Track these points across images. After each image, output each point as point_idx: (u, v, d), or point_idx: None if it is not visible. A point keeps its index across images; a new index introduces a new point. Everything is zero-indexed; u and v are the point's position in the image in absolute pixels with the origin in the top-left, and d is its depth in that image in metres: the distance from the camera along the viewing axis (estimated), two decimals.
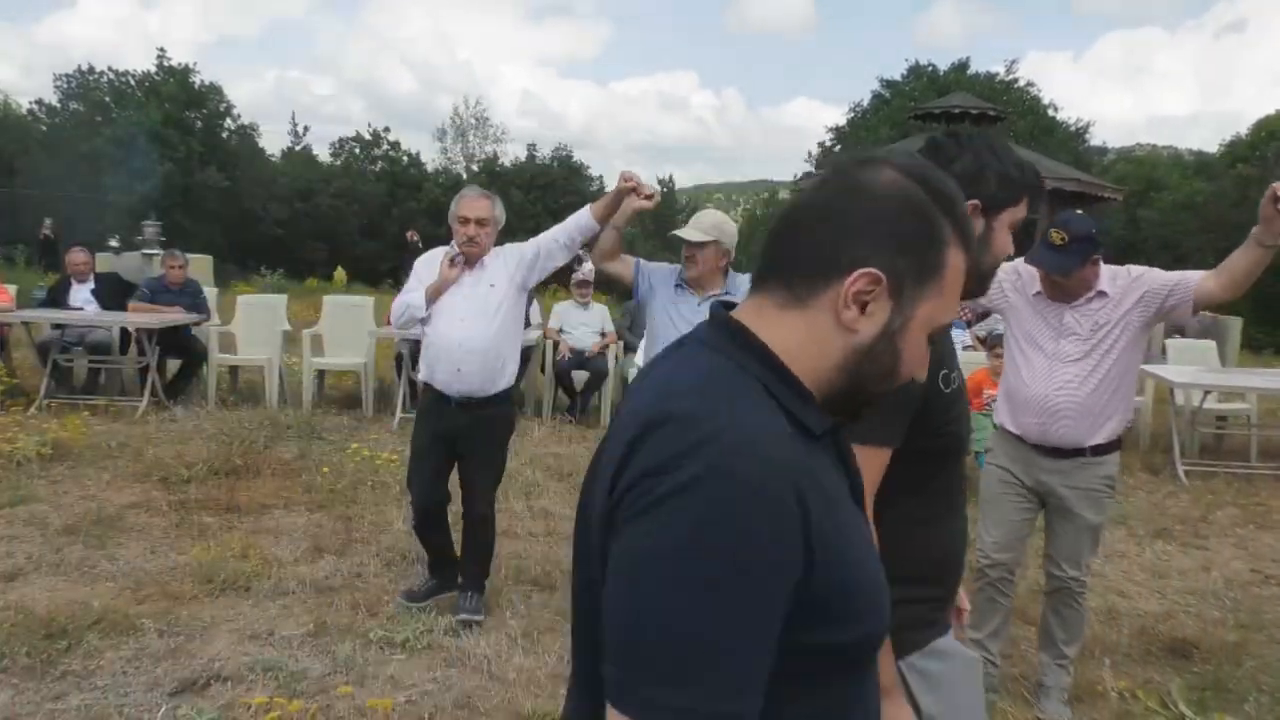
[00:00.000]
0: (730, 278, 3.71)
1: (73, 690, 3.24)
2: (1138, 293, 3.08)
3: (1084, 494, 3.19)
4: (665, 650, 0.86)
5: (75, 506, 5.16)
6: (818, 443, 1.00)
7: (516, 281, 3.85)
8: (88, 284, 8.31)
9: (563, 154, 36.10)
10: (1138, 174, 33.33)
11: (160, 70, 32.33)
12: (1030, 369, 3.17)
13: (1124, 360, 3.11)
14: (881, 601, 1.01)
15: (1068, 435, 3.14)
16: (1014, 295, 3.25)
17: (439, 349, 3.81)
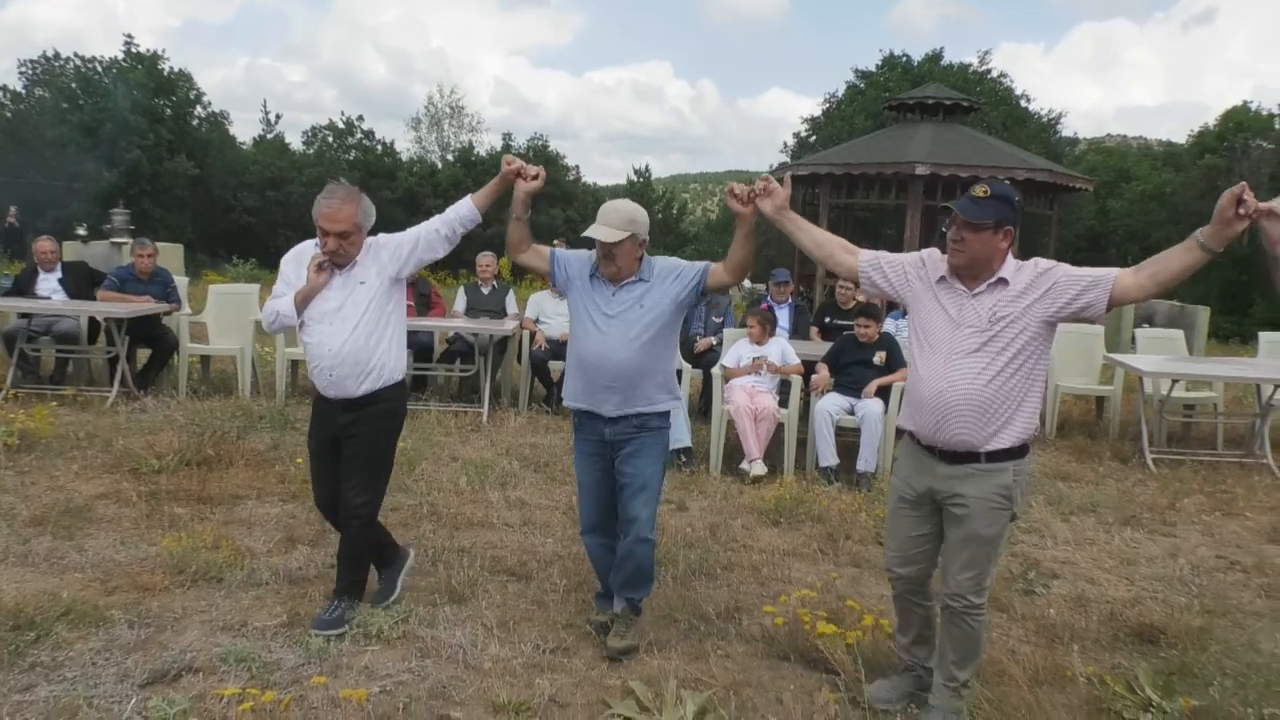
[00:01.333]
0: (645, 263, 3.61)
1: (41, 681, 3.21)
2: (1043, 286, 2.91)
3: (976, 503, 2.98)
4: None
5: (43, 497, 5.10)
6: None
7: (389, 274, 3.68)
8: (54, 273, 8.21)
9: (538, 143, 35.90)
10: (1107, 164, 33.64)
11: (128, 57, 31.83)
12: (927, 363, 3.03)
13: (1026, 359, 2.93)
14: None
15: (961, 435, 2.96)
16: (918, 284, 3.11)
17: (312, 353, 3.67)
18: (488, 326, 8.01)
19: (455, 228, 3.73)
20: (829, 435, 6.46)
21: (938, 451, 3.04)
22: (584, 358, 3.61)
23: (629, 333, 3.52)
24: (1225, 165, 28.29)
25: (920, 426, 3.06)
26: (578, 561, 4.55)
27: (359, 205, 3.57)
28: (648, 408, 3.60)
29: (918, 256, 3.16)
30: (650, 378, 3.58)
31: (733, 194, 3.30)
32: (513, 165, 3.59)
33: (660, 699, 3.17)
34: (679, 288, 3.56)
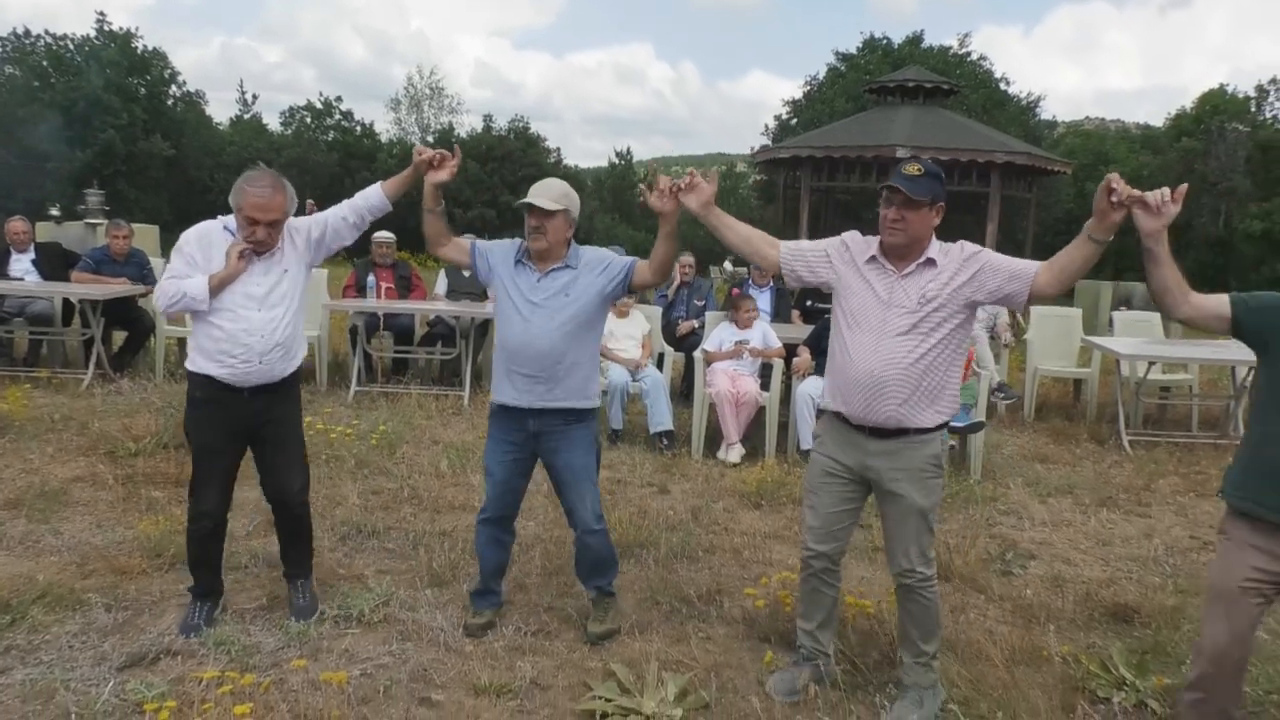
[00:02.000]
0: (573, 250, 3.56)
1: (17, 665, 3.18)
2: (970, 270, 2.98)
3: (910, 475, 3.06)
4: None
5: (17, 480, 5.04)
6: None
7: (305, 261, 3.58)
8: (28, 254, 8.10)
9: (519, 125, 35.69)
10: (1086, 147, 33.80)
11: (101, 35, 31.36)
12: (857, 344, 3.04)
13: (952, 338, 3.00)
14: None
15: (893, 413, 3.00)
16: (843, 268, 3.13)
17: (233, 341, 3.41)
18: (469, 309, 7.97)
19: (364, 215, 3.63)
20: (810, 418, 6.48)
21: (867, 429, 3.07)
22: (508, 345, 3.51)
23: (554, 320, 3.46)
24: (1202, 148, 28.51)
25: (850, 406, 3.07)
26: (559, 545, 4.56)
27: (286, 194, 3.44)
28: (569, 403, 3.51)
29: (839, 240, 3.17)
30: (576, 369, 3.50)
31: (651, 190, 3.26)
32: (424, 155, 3.49)
33: (641, 681, 3.19)
34: (605, 280, 3.52)
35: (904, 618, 3.20)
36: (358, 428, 6.27)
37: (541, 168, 33.50)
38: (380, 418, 6.78)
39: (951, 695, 3.21)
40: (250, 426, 3.54)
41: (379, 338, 8.21)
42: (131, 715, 2.93)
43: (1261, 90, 31.21)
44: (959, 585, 4.28)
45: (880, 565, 4.55)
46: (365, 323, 7.93)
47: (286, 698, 2.98)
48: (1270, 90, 31.16)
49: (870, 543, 4.85)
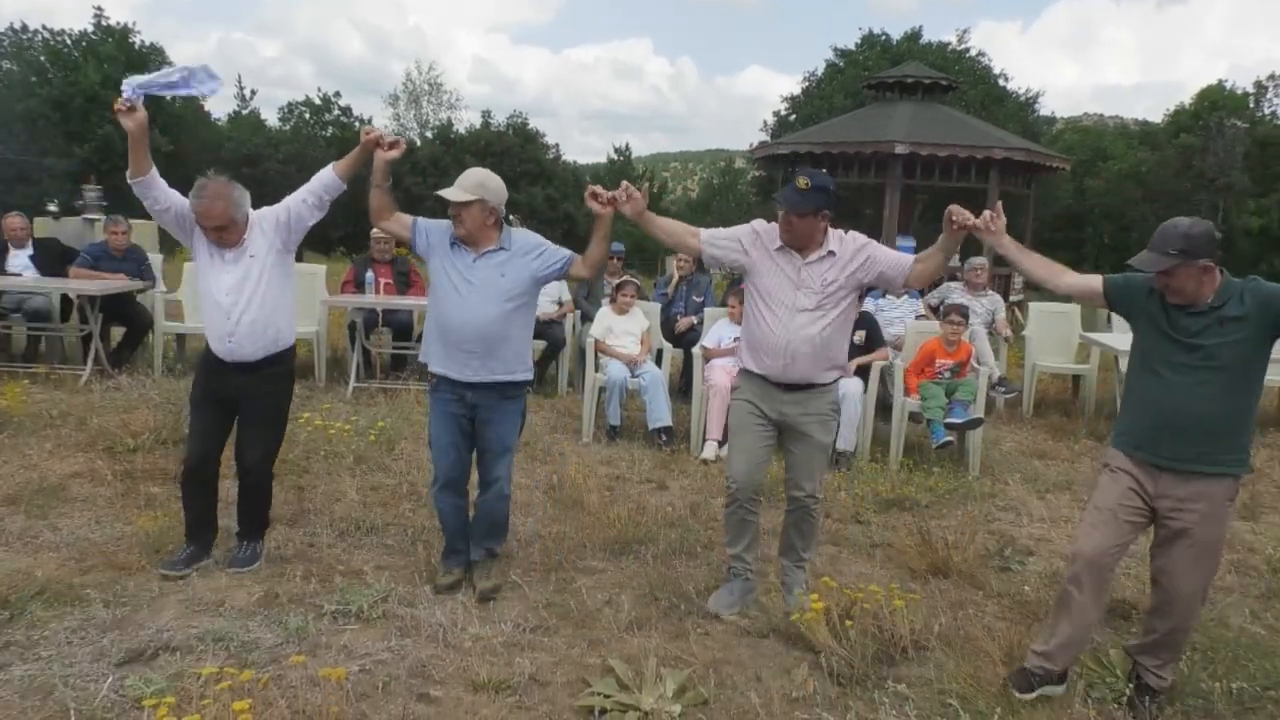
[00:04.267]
0: (505, 233, 3.81)
1: (16, 661, 3.18)
2: (862, 258, 3.67)
3: (815, 418, 3.76)
4: None
5: (16, 476, 5.04)
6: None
7: (276, 246, 3.89)
8: (25, 249, 8.07)
9: (518, 121, 35.62)
10: (1084, 143, 33.82)
11: (98, 30, 31.30)
12: (773, 317, 3.67)
13: (845, 312, 3.71)
14: None
15: (804, 373, 3.68)
16: (755, 252, 3.73)
17: (210, 320, 3.88)
18: None
19: (321, 195, 3.91)
20: None
21: (783, 385, 3.72)
22: (445, 322, 3.79)
23: (488, 299, 3.73)
24: (1200, 144, 28.50)
25: (769, 369, 3.71)
26: (558, 541, 4.56)
27: (229, 200, 3.77)
28: (506, 376, 3.82)
29: (750, 229, 3.79)
30: (509, 345, 3.80)
31: (594, 196, 3.70)
32: (371, 135, 3.75)
33: (640, 677, 3.19)
34: (540, 265, 3.82)
35: (791, 532, 3.96)
36: (356, 424, 6.26)
37: (540, 163, 33.49)
38: (379, 414, 6.77)
39: (950, 690, 3.22)
40: (232, 397, 3.95)
41: (378, 334, 8.20)
42: (130, 711, 2.93)
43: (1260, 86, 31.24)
44: (957, 581, 4.28)
45: (879, 563, 4.56)
46: (364, 319, 7.92)
47: (285, 694, 2.98)
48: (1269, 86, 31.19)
49: (869, 539, 4.86)
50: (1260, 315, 2.91)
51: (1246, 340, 2.93)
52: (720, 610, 3.84)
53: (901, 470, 6.14)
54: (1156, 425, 3.05)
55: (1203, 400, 2.95)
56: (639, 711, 3.02)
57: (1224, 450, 3.00)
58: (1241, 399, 3.01)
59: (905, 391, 6.61)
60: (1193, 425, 2.97)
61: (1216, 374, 2.95)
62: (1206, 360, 2.95)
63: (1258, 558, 4.81)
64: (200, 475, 4.02)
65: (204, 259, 3.88)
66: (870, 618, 3.56)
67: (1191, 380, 2.97)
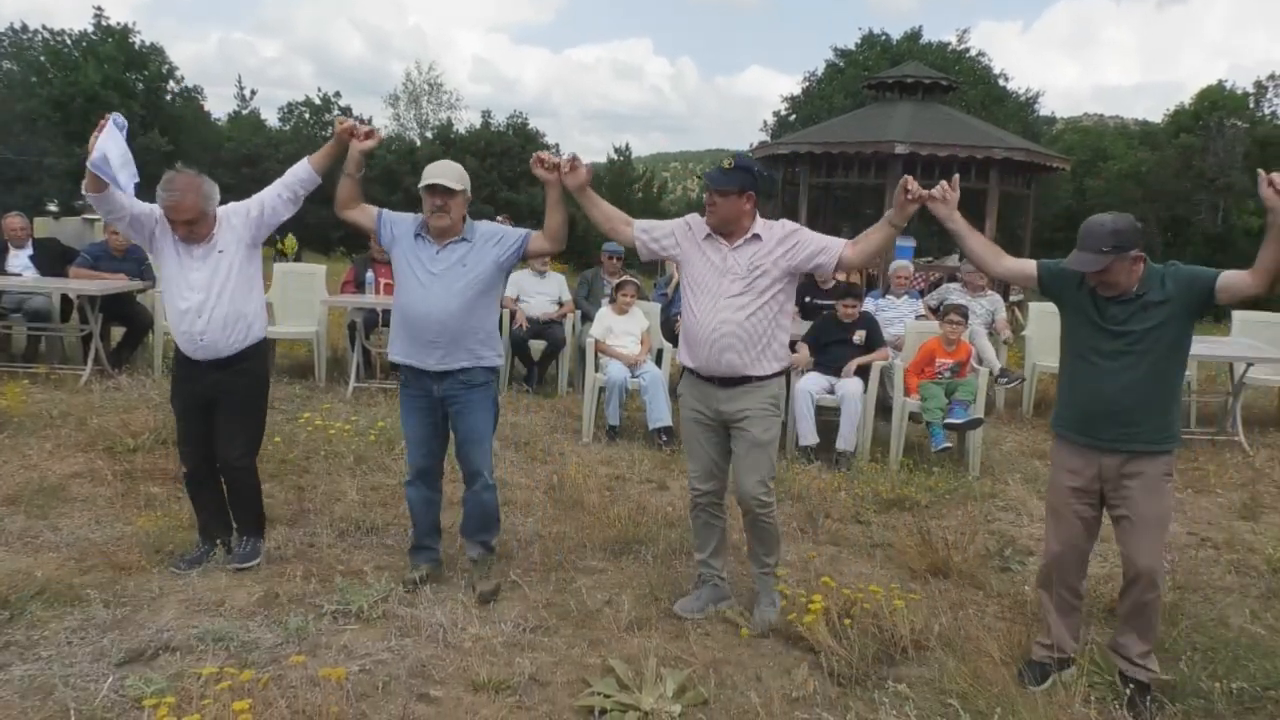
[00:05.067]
0: (469, 224, 3.84)
1: (16, 661, 3.19)
2: (789, 244, 3.61)
3: (753, 414, 3.64)
4: None
5: (16, 476, 5.04)
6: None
7: (245, 241, 3.88)
8: (25, 249, 8.08)
9: (518, 121, 35.64)
10: (1084, 144, 33.77)
11: (98, 30, 31.30)
12: (700, 306, 3.62)
13: (775, 298, 3.60)
14: None
15: (734, 363, 3.58)
16: (686, 244, 3.71)
17: (176, 317, 3.85)
18: None
19: (296, 190, 3.92)
20: (809, 414, 6.48)
21: (716, 380, 3.65)
22: (408, 313, 3.81)
23: (451, 290, 3.75)
24: (1200, 144, 28.48)
25: (699, 361, 3.67)
26: (558, 541, 4.56)
27: (199, 193, 3.74)
28: (472, 363, 3.83)
29: (683, 221, 3.79)
30: (473, 334, 3.81)
31: (540, 162, 3.73)
32: (345, 124, 3.79)
33: (640, 677, 3.19)
34: (500, 251, 3.84)
35: (751, 540, 3.85)
36: (356, 424, 6.27)
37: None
38: (379, 414, 6.78)
39: (950, 690, 3.21)
40: (210, 395, 3.93)
41: (377, 334, 8.19)
42: (130, 711, 2.93)
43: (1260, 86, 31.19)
44: (957, 581, 4.28)
45: (880, 563, 4.56)
46: (364, 319, 7.92)
47: (285, 694, 2.98)
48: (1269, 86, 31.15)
49: (869, 539, 4.86)
50: (1182, 296, 3.08)
51: (1171, 322, 3.10)
52: (685, 614, 3.83)
53: (901, 470, 6.14)
54: (1092, 410, 3.18)
55: (1132, 383, 3.11)
56: (639, 711, 3.02)
57: (1156, 429, 3.15)
58: (1169, 379, 3.17)
59: (905, 391, 6.61)
60: (1125, 407, 3.12)
61: (1144, 358, 3.10)
62: (1134, 345, 3.10)
63: (1258, 558, 4.81)
64: (202, 478, 4.05)
65: (170, 259, 3.83)
66: (870, 618, 3.56)
67: (1121, 365, 3.12)
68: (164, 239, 3.82)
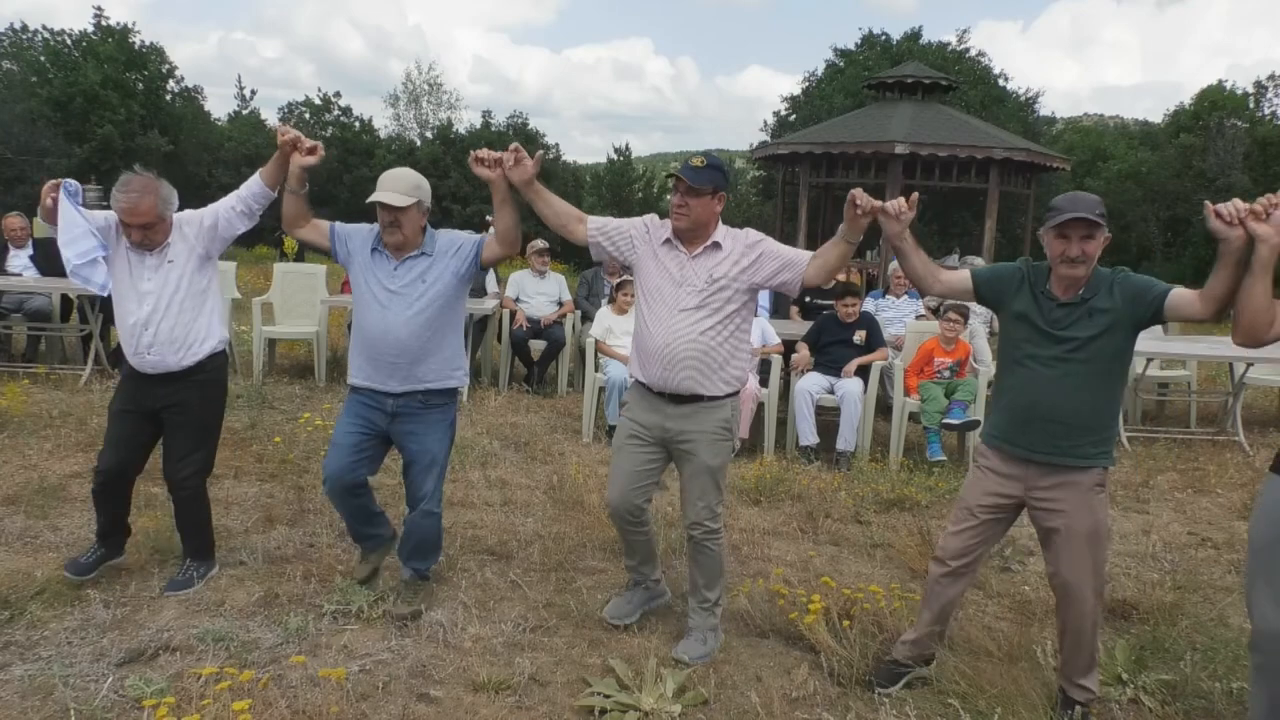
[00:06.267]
0: (429, 235, 3.65)
1: (16, 661, 3.18)
2: (753, 255, 3.35)
3: (703, 437, 3.40)
4: None
5: (16, 476, 5.04)
6: None
7: (199, 252, 3.70)
8: (25, 249, 8.08)
9: (518, 121, 35.59)
10: (1085, 144, 33.75)
11: (98, 30, 31.28)
12: (654, 318, 3.38)
13: (736, 315, 3.37)
14: None
15: (688, 382, 3.35)
16: (643, 248, 3.47)
17: (125, 329, 3.68)
18: (468, 305, 7.94)
19: (250, 204, 3.75)
20: (809, 414, 6.48)
21: (667, 395, 3.41)
22: (367, 333, 3.62)
23: (411, 308, 3.56)
24: (1201, 144, 28.46)
25: (649, 375, 3.42)
26: (558, 541, 4.56)
27: (158, 195, 3.57)
28: (435, 384, 3.66)
29: (641, 222, 3.53)
30: (435, 354, 3.63)
31: (479, 160, 3.48)
32: (287, 136, 3.59)
33: (640, 677, 3.19)
34: (458, 263, 3.63)
35: (692, 568, 3.57)
36: None
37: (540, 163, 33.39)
38: None
39: (950, 691, 3.21)
40: (154, 409, 3.75)
41: None
42: (130, 711, 2.93)
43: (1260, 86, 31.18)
44: None
45: (880, 563, 4.56)
46: None
47: (285, 694, 2.98)
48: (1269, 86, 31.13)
49: (869, 539, 4.86)
50: (1129, 307, 2.93)
51: (1114, 332, 2.94)
52: (613, 619, 3.69)
53: (901, 470, 6.14)
54: (1025, 418, 3.03)
55: (1070, 392, 2.96)
56: (639, 711, 3.02)
57: (1091, 443, 2.99)
58: (1108, 391, 3.02)
59: (905, 392, 6.61)
60: (1060, 417, 2.97)
61: (1084, 366, 2.95)
62: (1074, 352, 2.95)
63: None
64: (115, 488, 3.83)
65: (120, 267, 3.66)
66: (870, 618, 3.56)
67: (1059, 373, 2.97)
68: (115, 247, 3.66)
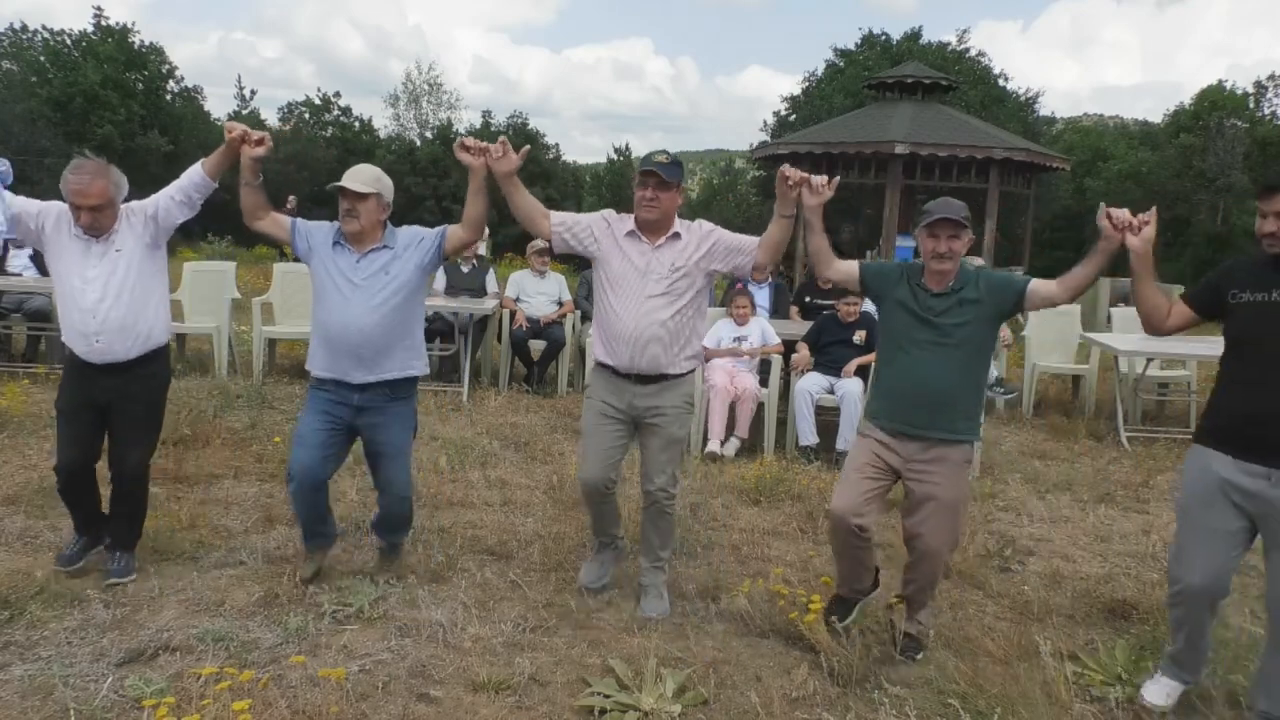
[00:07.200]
0: (390, 231, 3.75)
1: (15, 661, 3.18)
2: (708, 244, 3.67)
3: (669, 411, 3.73)
4: None
5: (16, 476, 5.03)
6: None
7: (145, 241, 3.73)
8: (25, 249, 8.06)
9: (518, 122, 35.62)
10: (1084, 144, 33.80)
11: (98, 30, 31.29)
12: (622, 304, 3.65)
13: (695, 299, 3.69)
14: None
15: (654, 361, 3.65)
16: (605, 241, 3.72)
17: (71, 319, 3.68)
18: (468, 305, 7.97)
19: (190, 194, 3.76)
20: (809, 414, 6.48)
21: (634, 376, 3.69)
22: (328, 325, 3.69)
23: (373, 300, 3.65)
24: (1200, 144, 28.48)
25: (618, 359, 3.69)
26: (558, 541, 4.56)
27: (109, 179, 3.61)
28: (399, 373, 3.75)
29: (601, 217, 3.78)
30: (398, 344, 3.72)
31: (464, 147, 3.64)
32: (235, 132, 3.63)
33: (640, 677, 3.19)
34: (420, 255, 3.74)
35: (648, 530, 3.89)
36: None
37: (540, 164, 33.43)
38: None
39: (950, 691, 3.21)
40: (104, 402, 3.75)
41: None
42: (130, 711, 2.93)
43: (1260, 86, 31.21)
44: (957, 581, 4.28)
45: (879, 563, 4.55)
46: None
47: (285, 694, 2.99)
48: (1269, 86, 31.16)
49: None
50: (993, 299, 3.36)
51: (980, 321, 3.37)
52: (588, 583, 3.98)
53: None
54: (903, 396, 3.40)
55: (943, 374, 3.35)
56: (639, 711, 3.02)
57: (961, 419, 3.39)
58: (974, 374, 3.43)
59: None
60: (934, 396, 3.35)
61: (954, 350, 3.35)
62: (946, 338, 3.35)
63: (1257, 557, 4.78)
64: (79, 482, 3.85)
65: (65, 255, 3.67)
66: (870, 618, 3.56)
67: (933, 356, 3.35)
68: (57, 234, 3.67)
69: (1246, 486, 2.97)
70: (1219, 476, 3.01)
